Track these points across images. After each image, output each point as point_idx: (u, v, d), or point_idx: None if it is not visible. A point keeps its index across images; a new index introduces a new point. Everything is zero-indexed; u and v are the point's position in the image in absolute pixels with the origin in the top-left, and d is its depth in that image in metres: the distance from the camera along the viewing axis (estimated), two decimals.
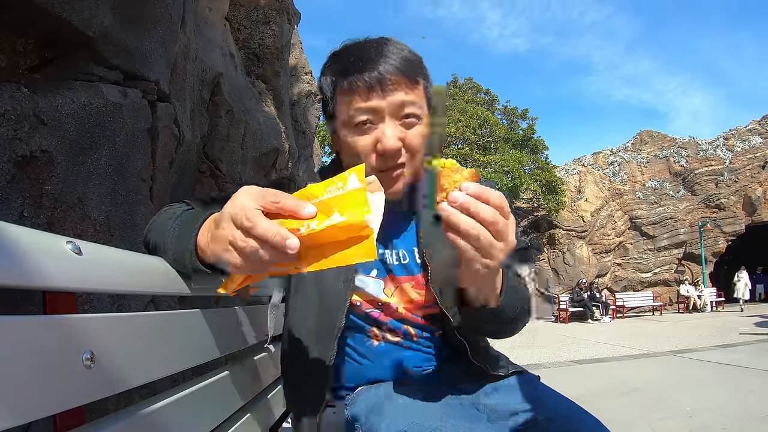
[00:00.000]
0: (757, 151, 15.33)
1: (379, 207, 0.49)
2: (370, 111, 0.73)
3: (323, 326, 0.76)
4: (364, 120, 0.73)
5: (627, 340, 7.15)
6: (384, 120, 0.73)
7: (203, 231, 0.57)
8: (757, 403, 3.05)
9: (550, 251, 14.43)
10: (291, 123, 3.88)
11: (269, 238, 0.45)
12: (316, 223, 0.46)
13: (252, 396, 0.86)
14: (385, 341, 0.81)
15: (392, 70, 0.72)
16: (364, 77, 0.72)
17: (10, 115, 0.99)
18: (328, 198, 0.48)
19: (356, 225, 0.46)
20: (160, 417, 0.52)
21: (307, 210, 0.47)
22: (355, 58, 0.74)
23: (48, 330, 0.37)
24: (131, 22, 1.39)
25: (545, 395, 0.75)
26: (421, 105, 0.75)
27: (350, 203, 0.47)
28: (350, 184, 0.48)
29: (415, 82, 0.75)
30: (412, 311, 0.81)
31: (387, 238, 0.82)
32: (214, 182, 2.31)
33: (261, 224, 0.45)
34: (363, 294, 0.80)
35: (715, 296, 13.88)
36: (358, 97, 0.73)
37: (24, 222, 1.01)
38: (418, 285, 0.80)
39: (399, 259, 0.81)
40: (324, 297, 0.77)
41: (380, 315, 0.80)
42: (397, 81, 0.72)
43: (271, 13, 3.30)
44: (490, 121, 13.80)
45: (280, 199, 0.47)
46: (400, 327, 0.81)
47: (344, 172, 0.48)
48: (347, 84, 0.73)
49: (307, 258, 0.48)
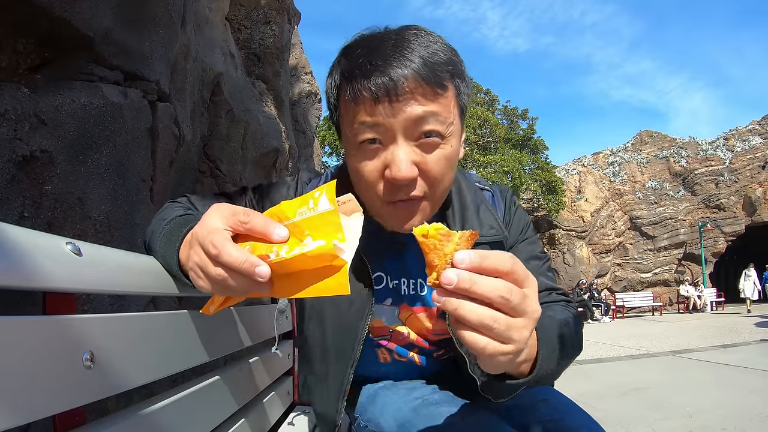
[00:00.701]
0: (757, 152, 15.33)
1: (355, 232, 0.44)
2: (377, 127, 0.58)
3: (340, 354, 0.74)
4: (371, 138, 0.58)
5: (627, 341, 7.14)
6: (395, 140, 0.58)
7: (184, 245, 0.53)
8: (758, 403, 3.05)
9: (550, 251, 14.42)
10: (291, 123, 3.88)
11: (237, 266, 0.41)
12: (286, 251, 0.42)
13: (252, 396, 0.86)
14: (392, 360, 0.81)
15: (409, 74, 0.56)
16: (371, 85, 0.56)
17: (10, 115, 0.99)
18: (299, 220, 0.44)
19: (326, 255, 0.42)
20: (160, 417, 0.52)
21: (277, 232, 0.43)
22: (365, 57, 0.58)
23: (48, 330, 0.37)
24: (131, 22, 1.39)
25: (546, 396, 0.75)
26: (446, 119, 0.59)
27: (322, 228, 0.43)
28: (321, 206, 0.43)
29: (441, 87, 0.58)
30: (422, 338, 0.79)
31: (406, 267, 0.78)
32: (214, 182, 2.31)
33: (228, 252, 0.41)
34: (377, 322, 0.78)
35: (715, 296, 13.88)
36: (362, 109, 0.58)
37: (24, 222, 1.01)
38: (432, 316, 0.77)
39: (416, 289, 0.77)
40: (341, 325, 0.74)
41: (388, 343, 0.79)
42: (415, 89, 0.56)
43: (271, 13, 3.30)
44: (490, 121, 13.80)
45: (250, 220, 0.43)
46: (406, 354, 0.80)
47: (314, 191, 0.44)
48: (350, 92, 0.58)
49: (280, 284, 0.45)
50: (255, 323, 0.90)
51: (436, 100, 0.58)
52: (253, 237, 0.45)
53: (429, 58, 0.57)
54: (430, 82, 0.57)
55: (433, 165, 0.59)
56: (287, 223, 0.45)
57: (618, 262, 15.19)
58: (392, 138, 0.58)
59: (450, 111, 0.60)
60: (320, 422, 0.80)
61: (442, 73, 0.58)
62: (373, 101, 0.56)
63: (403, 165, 0.56)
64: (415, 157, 0.58)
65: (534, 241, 0.79)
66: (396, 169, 0.57)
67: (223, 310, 0.56)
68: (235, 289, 0.44)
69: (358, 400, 0.79)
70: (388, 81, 0.55)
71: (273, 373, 1.02)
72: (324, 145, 11.36)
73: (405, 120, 0.57)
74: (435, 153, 0.59)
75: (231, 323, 0.79)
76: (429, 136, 0.58)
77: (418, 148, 0.59)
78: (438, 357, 0.80)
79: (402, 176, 0.57)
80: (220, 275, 0.43)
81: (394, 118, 0.57)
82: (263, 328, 0.94)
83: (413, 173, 0.58)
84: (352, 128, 0.60)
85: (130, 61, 1.41)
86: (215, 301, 0.53)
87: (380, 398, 0.73)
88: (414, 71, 0.56)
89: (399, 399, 0.70)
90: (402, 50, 0.57)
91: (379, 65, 0.56)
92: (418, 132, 0.58)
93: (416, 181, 0.59)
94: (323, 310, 0.76)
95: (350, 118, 0.60)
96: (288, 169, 3.26)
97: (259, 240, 0.45)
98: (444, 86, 0.58)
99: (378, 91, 0.56)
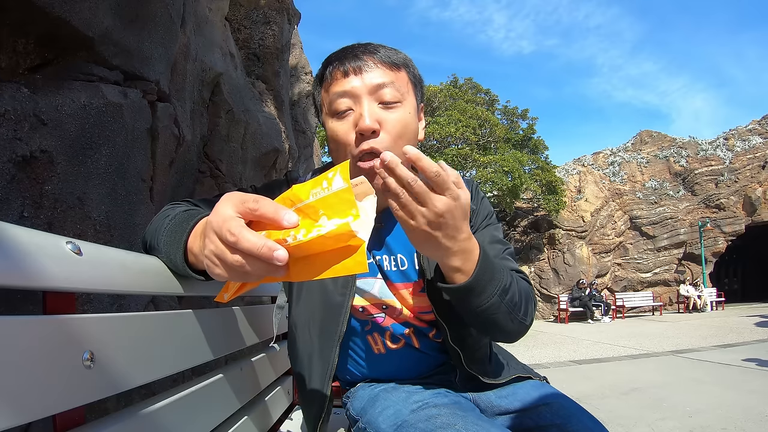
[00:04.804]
0: (757, 151, 15.32)
1: (370, 213, 0.46)
2: (348, 94, 0.73)
3: (325, 331, 0.77)
4: (344, 108, 0.73)
5: (627, 340, 7.14)
6: (362, 102, 0.72)
7: (195, 237, 0.55)
8: (757, 403, 3.05)
9: (550, 251, 14.42)
10: (291, 123, 3.88)
11: (255, 252, 0.42)
12: (303, 234, 0.43)
13: (252, 396, 0.86)
14: (386, 350, 0.81)
15: (372, 57, 0.74)
16: (344, 65, 0.74)
17: (10, 115, 0.99)
18: (314, 201, 0.45)
19: (344, 234, 0.43)
20: (160, 417, 0.52)
21: (287, 218, 0.44)
22: (339, 54, 0.77)
23: (48, 330, 0.37)
24: (131, 22, 1.39)
25: (549, 399, 0.75)
26: (402, 89, 0.75)
27: (336, 206, 0.44)
28: (335, 184, 0.44)
29: (396, 67, 0.76)
30: (411, 316, 0.81)
31: (385, 242, 0.81)
32: (214, 182, 2.30)
33: (246, 237, 0.42)
34: (368, 297, 0.80)
35: (715, 296, 13.87)
36: (336, 83, 0.74)
37: (24, 222, 1.01)
38: (415, 292, 0.80)
39: (397, 264, 0.80)
40: (326, 302, 0.77)
41: (384, 320, 0.80)
42: (375, 65, 0.74)
43: (271, 13, 3.30)
44: (490, 121, 13.78)
45: (259, 206, 0.44)
46: (402, 332, 0.81)
47: (328, 171, 0.45)
48: (328, 73, 0.76)
49: (297, 268, 0.46)
50: (255, 323, 0.90)
51: (392, 73, 0.75)
52: (264, 224, 0.45)
53: (388, 53, 0.76)
54: (388, 61, 0.75)
55: (392, 124, 0.73)
56: (301, 205, 0.45)
57: (618, 262, 15.18)
58: (359, 99, 0.73)
59: (404, 85, 0.76)
60: (306, 406, 0.80)
61: (397, 60, 0.76)
62: (344, 75, 0.74)
63: (367, 118, 0.71)
64: (378, 114, 0.72)
65: (497, 228, 0.85)
66: (362, 121, 0.70)
67: (223, 310, 0.56)
68: (251, 275, 0.44)
69: (359, 402, 0.78)
70: (357, 60, 0.74)
71: (273, 373, 1.03)
72: (324, 145, 11.35)
73: (369, 85, 0.72)
74: (393, 114, 0.73)
75: (231, 323, 0.79)
76: (389, 103, 0.73)
77: (380, 109, 0.73)
78: (434, 338, 0.82)
79: (367, 126, 0.70)
80: (237, 262, 0.43)
81: (360, 84, 0.73)
82: (263, 328, 0.94)
83: (376, 125, 0.71)
84: (329, 104, 0.75)
85: (129, 61, 1.41)
86: (230, 289, 0.53)
87: (380, 401, 0.73)
88: (376, 56, 0.75)
89: (398, 402, 0.70)
90: (368, 47, 0.76)
91: (350, 54, 0.75)
92: (379, 95, 0.73)
93: (378, 135, 0.71)
94: (311, 290, 0.79)
95: (327, 97, 0.76)
96: (288, 169, 3.25)
97: (270, 227, 0.45)
98: (399, 67, 0.76)
99: (348, 68, 0.73)
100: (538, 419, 0.72)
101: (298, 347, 0.80)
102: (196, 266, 0.55)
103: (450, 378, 0.81)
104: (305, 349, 0.79)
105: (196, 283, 0.61)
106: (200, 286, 0.63)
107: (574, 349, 6.65)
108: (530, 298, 0.73)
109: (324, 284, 0.78)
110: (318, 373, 0.77)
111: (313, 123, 4.68)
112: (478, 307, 0.64)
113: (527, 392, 0.77)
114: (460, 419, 0.61)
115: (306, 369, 0.79)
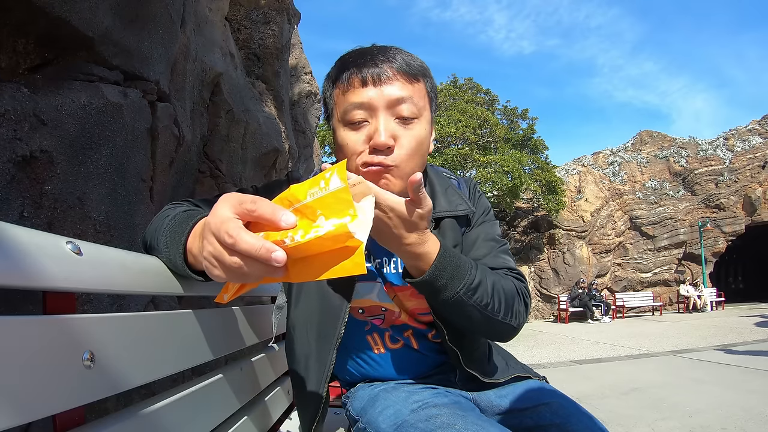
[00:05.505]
0: (757, 151, 15.31)
1: (368, 214, 0.45)
2: (365, 106, 0.70)
3: (324, 334, 0.76)
4: (359, 119, 0.70)
5: (627, 340, 7.14)
6: (378, 115, 0.70)
7: (194, 237, 0.55)
8: (757, 403, 3.05)
9: (550, 251, 14.42)
10: (291, 123, 3.88)
11: (253, 253, 0.42)
12: (301, 235, 0.42)
13: (252, 396, 0.86)
14: (385, 350, 0.81)
15: (391, 66, 0.71)
16: (362, 72, 0.70)
17: (10, 115, 0.99)
18: (311, 201, 0.45)
19: (342, 235, 0.43)
20: (160, 417, 0.52)
21: (285, 219, 0.43)
22: (356, 58, 0.73)
23: (48, 330, 0.37)
24: (131, 22, 1.39)
25: (549, 399, 0.75)
26: (419, 104, 0.72)
27: (334, 206, 0.44)
28: (332, 184, 0.44)
29: (415, 78, 0.73)
30: (413, 318, 0.81)
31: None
32: (214, 182, 2.30)
33: (244, 239, 0.42)
34: (367, 300, 0.80)
35: (715, 296, 13.87)
36: (353, 91, 0.71)
37: (24, 222, 1.01)
38: (414, 294, 0.80)
39: (396, 267, 0.80)
40: (325, 305, 0.77)
41: (383, 322, 0.81)
42: (394, 76, 0.70)
43: (271, 13, 3.30)
44: (490, 121, 13.78)
45: (257, 207, 0.44)
46: (402, 333, 0.81)
47: (325, 171, 0.45)
48: (345, 79, 0.72)
49: (295, 269, 0.46)
50: (255, 323, 0.90)
51: (411, 86, 0.72)
52: (262, 224, 0.45)
53: (407, 60, 0.73)
54: (407, 73, 0.72)
55: (408, 140, 0.70)
56: (299, 205, 0.45)
57: (618, 262, 15.18)
58: (376, 113, 0.70)
59: (422, 98, 0.73)
60: (302, 407, 0.80)
61: (416, 71, 0.73)
62: (362, 85, 0.70)
63: (383, 133, 0.68)
64: (393, 129, 0.70)
65: (494, 225, 0.86)
66: (377, 136, 0.68)
67: (223, 310, 0.56)
68: (250, 276, 0.44)
69: (359, 402, 0.78)
70: (375, 69, 0.70)
71: (273, 373, 1.03)
72: (324, 145, 11.35)
73: (387, 98, 0.70)
74: (409, 131, 0.71)
75: (231, 323, 0.79)
76: (406, 119, 0.71)
77: (396, 124, 0.71)
78: (433, 339, 0.82)
79: (382, 142, 0.68)
80: (236, 263, 0.43)
81: (378, 96, 0.70)
82: (263, 328, 0.94)
83: (391, 141, 0.69)
84: (343, 112, 0.72)
85: (129, 61, 1.41)
86: (229, 290, 0.53)
87: (380, 401, 0.73)
88: (395, 65, 0.71)
89: (398, 402, 0.70)
90: (386, 53, 0.73)
91: (368, 60, 0.71)
92: (396, 111, 0.70)
93: (392, 151, 0.69)
94: (310, 293, 0.79)
95: (342, 103, 0.72)
96: (288, 169, 3.25)
97: (268, 227, 0.45)
98: (417, 79, 0.73)
99: (366, 77, 0.70)
100: (537, 419, 0.72)
101: (296, 349, 0.80)
102: (195, 267, 0.55)
103: (450, 378, 0.81)
104: (303, 351, 0.79)
105: (196, 283, 0.61)
106: (200, 286, 0.63)
107: (574, 349, 6.66)
108: (516, 298, 0.73)
109: (323, 287, 0.77)
110: (315, 375, 0.77)
111: (313, 123, 4.68)
112: (444, 303, 0.66)
113: (527, 392, 0.77)
114: (460, 419, 0.61)
115: (303, 371, 0.79)
